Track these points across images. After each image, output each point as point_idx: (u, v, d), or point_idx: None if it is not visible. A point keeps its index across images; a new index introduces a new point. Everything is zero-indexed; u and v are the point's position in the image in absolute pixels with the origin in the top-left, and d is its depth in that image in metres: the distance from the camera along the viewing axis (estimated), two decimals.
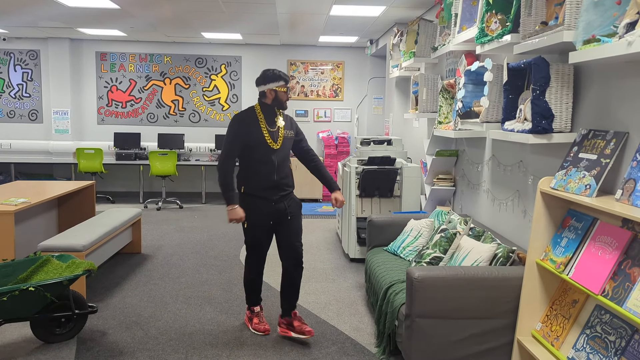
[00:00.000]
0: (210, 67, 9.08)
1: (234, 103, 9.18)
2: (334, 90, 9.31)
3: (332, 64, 9.26)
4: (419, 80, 4.88)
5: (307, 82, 9.26)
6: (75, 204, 5.44)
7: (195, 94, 9.14)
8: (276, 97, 3.40)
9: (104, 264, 4.97)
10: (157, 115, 9.13)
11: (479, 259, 3.04)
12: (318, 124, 9.33)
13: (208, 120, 9.20)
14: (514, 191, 3.47)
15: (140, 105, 9.10)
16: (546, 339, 2.51)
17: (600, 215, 2.36)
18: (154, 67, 9.03)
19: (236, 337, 3.47)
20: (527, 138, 2.72)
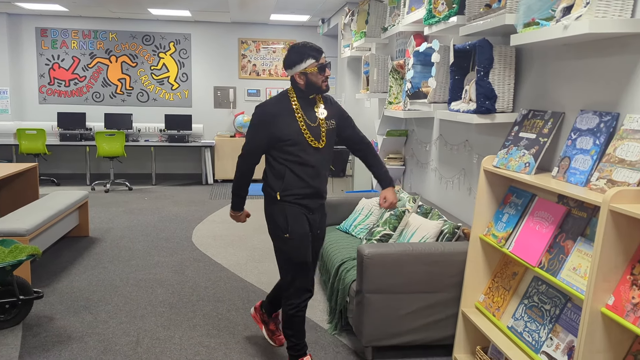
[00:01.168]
0: (158, 44, 8.83)
1: (184, 82, 8.98)
2: None
3: (284, 42, 9.18)
4: (370, 60, 4.92)
5: (258, 61, 9.16)
6: (17, 187, 5.23)
7: (143, 73, 8.88)
8: (308, 80, 2.58)
9: (49, 248, 4.83)
10: (103, 95, 8.83)
11: (427, 235, 3.14)
12: None
13: (157, 100, 8.97)
14: (459, 169, 3.59)
15: (85, 84, 8.77)
16: (488, 310, 2.64)
17: (538, 192, 2.48)
18: (98, 44, 8.70)
19: (188, 319, 3.46)
20: (472, 118, 2.81)
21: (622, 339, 1.84)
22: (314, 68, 2.55)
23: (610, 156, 2.01)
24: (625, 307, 1.74)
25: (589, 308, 1.81)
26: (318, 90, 2.62)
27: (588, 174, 2.10)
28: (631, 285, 1.75)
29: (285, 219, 2.61)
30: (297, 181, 2.61)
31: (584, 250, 2.05)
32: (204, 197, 7.54)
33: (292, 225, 2.61)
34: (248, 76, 9.17)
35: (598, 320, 1.82)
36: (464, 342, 2.85)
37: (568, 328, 2.14)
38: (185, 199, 7.34)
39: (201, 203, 7.10)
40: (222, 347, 3.09)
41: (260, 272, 4.37)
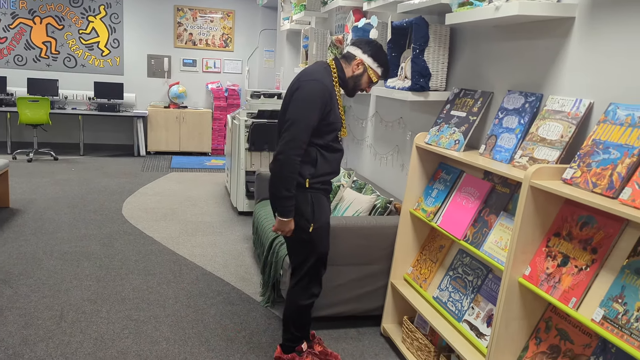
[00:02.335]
0: (87, 7, 8.34)
1: (115, 48, 8.57)
2: (223, 40, 9.02)
3: (222, 12, 8.93)
4: (309, 34, 4.88)
5: (195, 30, 8.87)
6: None
7: (70, 36, 8.38)
8: (360, 75, 2.45)
9: None
10: (26, 58, 8.28)
11: (360, 210, 3.20)
12: (207, 74, 9.03)
13: (86, 66, 8.52)
14: (394, 146, 3.66)
15: (6, 46, 8.18)
16: (416, 281, 2.73)
17: (466, 168, 2.58)
18: (21, 3, 8.11)
19: (117, 292, 3.37)
20: (407, 95, 2.86)
21: (536, 306, 1.97)
22: (375, 75, 2.47)
23: (532, 135, 2.11)
24: (539, 277, 1.85)
25: (507, 278, 1.92)
26: (353, 88, 2.49)
27: (512, 151, 2.20)
28: (546, 256, 1.86)
29: (312, 208, 2.40)
30: (327, 167, 2.43)
31: (506, 224, 2.16)
32: (136, 169, 7.30)
33: (319, 214, 2.43)
34: (184, 45, 8.87)
35: (515, 289, 1.93)
36: (392, 312, 2.95)
37: (488, 297, 2.26)
38: (116, 171, 7.08)
39: (132, 175, 6.87)
40: (151, 321, 3.04)
41: (192, 246, 4.31)
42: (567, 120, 1.98)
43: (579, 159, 1.79)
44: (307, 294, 2.52)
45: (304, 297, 2.52)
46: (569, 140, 1.95)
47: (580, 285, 1.70)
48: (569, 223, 1.84)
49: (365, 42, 2.46)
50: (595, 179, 1.69)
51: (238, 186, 5.25)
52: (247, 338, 2.90)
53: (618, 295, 1.58)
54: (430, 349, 2.52)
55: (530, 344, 1.96)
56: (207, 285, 3.57)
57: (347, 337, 2.98)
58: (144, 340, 2.82)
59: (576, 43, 2.03)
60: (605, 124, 1.79)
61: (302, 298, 2.52)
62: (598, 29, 1.93)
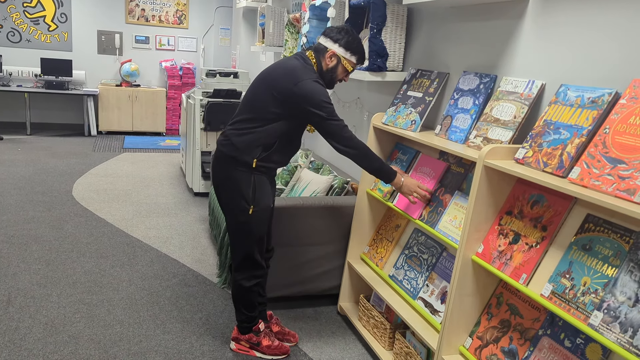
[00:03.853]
0: None
1: (63, 23, 8.18)
2: (177, 16, 8.76)
3: None
4: (266, 12, 4.79)
5: (147, 5, 8.56)
6: None
7: (14, 9, 7.95)
8: (334, 68, 2.38)
9: None
10: None
11: (317, 190, 3.20)
12: (161, 52, 8.77)
13: (31, 41, 8.11)
14: (351, 126, 3.66)
15: None
16: (372, 260, 2.77)
17: (422, 149, 2.60)
18: None
19: (68, 276, 3.27)
20: (364, 75, 2.85)
21: (488, 283, 2.02)
22: (350, 64, 2.38)
23: (487, 115, 2.14)
24: (492, 255, 1.90)
25: (461, 256, 1.96)
26: (330, 81, 2.41)
27: (467, 132, 2.23)
28: (498, 234, 1.91)
29: (254, 190, 2.36)
30: (279, 157, 2.40)
31: (460, 204, 2.20)
32: (87, 149, 7.05)
33: (260, 197, 2.37)
34: (136, 21, 8.56)
35: (469, 266, 1.98)
36: (349, 291, 2.98)
37: (442, 275, 2.30)
38: (65, 151, 6.82)
39: (83, 155, 6.63)
40: (104, 304, 2.96)
41: (147, 228, 4.22)
42: (519, 101, 2.02)
43: (531, 139, 1.84)
44: (249, 275, 2.49)
45: (247, 279, 2.49)
46: (521, 121, 1.99)
47: (530, 262, 1.76)
48: (520, 202, 1.89)
49: (336, 30, 2.36)
50: (546, 158, 1.74)
51: (194, 167, 5.16)
52: (204, 319, 2.88)
53: (566, 271, 1.64)
54: (386, 326, 2.57)
55: (482, 319, 2.02)
56: (163, 267, 3.51)
57: (304, 316, 2.99)
58: (97, 324, 2.75)
59: (529, 25, 2.06)
60: (556, 105, 1.83)
61: (245, 280, 2.49)
62: (550, 11, 1.96)
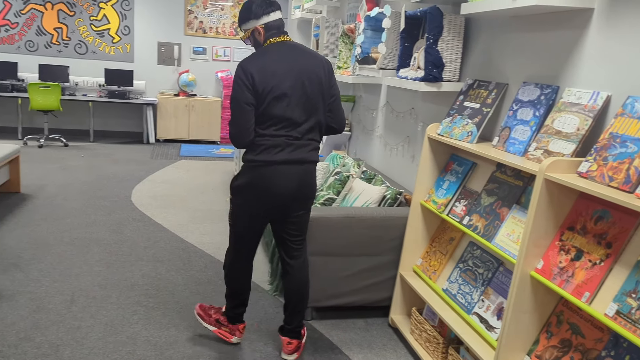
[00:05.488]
0: None
1: (126, 35, 8.56)
2: (234, 28, 8.99)
3: (233, 0, 8.89)
4: (321, 23, 4.84)
5: (205, 17, 8.84)
6: None
7: (81, 23, 8.38)
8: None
9: None
10: (37, 44, 8.29)
11: (369, 200, 3.19)
12: (217, 63, 9.01)
13: (97, 53, 8.52)
14: (404, 137, 3.63)
15: (17, 31, 8.19)
16: (425, 273, 2.73)
17: (479, 160, 2.56)
18: None
19: (126, 278, 3.39)
20: (419, 86, 2.83)
21: (547, 300, 1.96)
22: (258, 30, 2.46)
23: (548, 127, 2.08)
24: (552, 271, 1.83)
25: (519, 271, 1.90)
26: None
27: (526, 144, 2.18)
28: (559, 250, 1.85)
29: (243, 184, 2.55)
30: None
31: (518, 217, 2.14)
32: (145, 156, 7.32)
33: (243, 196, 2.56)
34: (194, 33, 8.84)
35: (527, 283, 1.92)
36: (401, 303, 2.95)
37: (499, 290, 2.24)
38: (125, 158, 7.10)
39: (142, 162, 6.88)
40: (160, 307, 3.05)
41: (201, 234, 4.32)
42: (583, 113, 1.95)
43: (595, 152, 1.77)
44: (226, 259, 2.66)
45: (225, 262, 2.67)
46: (585, 134, 1.92)
47: (593, 280, 1.69)
48: (583, 217, 1.82)
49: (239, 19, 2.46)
50: (612, 172, 1.67)
51: None
52: (256, 326, 2.91)
53: (632, 290, 1.56)
54: (439, 340, 2.52)
55: (541, 337, 1.95)
56: (216, 273, 3.58)
57: (355, 327, 2.98)
58: (153, 326, 2.84)
59: (594, 35, 1.99)
60: (622, 117, 1.76)
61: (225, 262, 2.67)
62: (617, 20, 1.89)
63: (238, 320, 2.71)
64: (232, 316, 2.70)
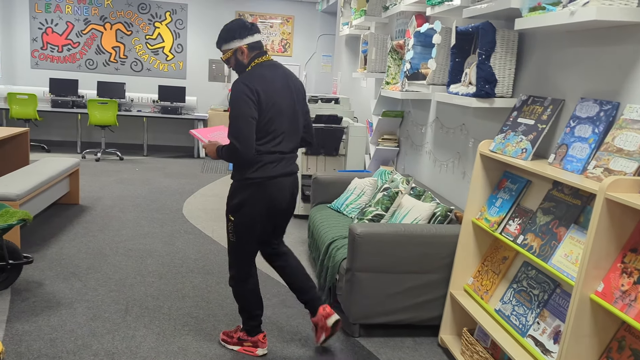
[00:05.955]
0: (154, 13, 8.68)
1: (179, 53, 8.86)
2: (282, 45, 9.15)
3: (282, 17, 9.06)
4: (369, 39, 4.87)
5: None
6: (8, 151, 5.16)
7: (137, 42, 8.74)
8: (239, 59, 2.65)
9: (39, 214, 4.79)
10: (97, 62, 8.69)
11: (419, 217, 3.16)
12: None
13: (151, 70, 8.85)
14: (454, 153, 3.59)
15: (78, 50, 8.62)
16: (476, 293, 2.67)
17: (534, 178, 2.49)
18: (93, 10, 8.53)
19: (178, 290, 3.47)
20: (471, 102, 2.80)
21: (608, 324, 1.88)
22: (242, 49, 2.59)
23: (608, 145, 2.01)
24: (614, 294, 1.76)
25: (578, 294, 1.84)
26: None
27: (585, 162, 2.11)
28: (621, 273, 1.77)
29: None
30: None
31: (577, 238, 2.07)
32: (195, 170, 7.51)
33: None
34: None
35: (586, 306, 1.85)
36: (451, 323, 2.89)
37: (555, 313, 2.17)
38: (177, 172, 7.30)
39: (192, 176, 7.06)
40: (210, 319, 3.10)
41: None
42: None
43: None
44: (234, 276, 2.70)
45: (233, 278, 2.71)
46: None
47: None
48: None
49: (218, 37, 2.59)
50: None
51: None
52: (303, 341, 2.92)
53: None
54: None
55: None
56: (264, 286, 3.62)
57: (403, 346, 2.94)
58: (203, 337, 2.89)
59: None
60: None
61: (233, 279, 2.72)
62: None
63: (257, 331, 2.76)
64: (249, 329, 2.75)
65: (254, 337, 2.76)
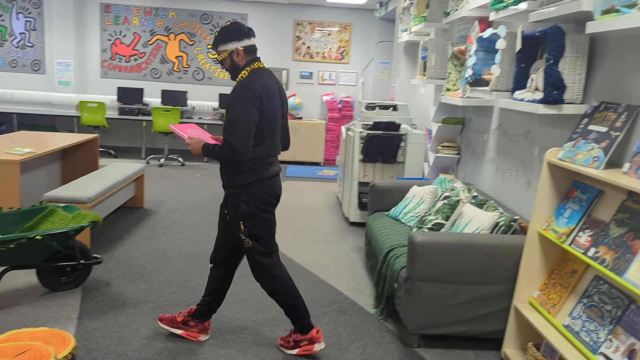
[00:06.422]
0: (215, 24, 8.94)
1: None
2: (340, 52, 9.20)
3: (340, 25, 9.11)
4: (429, 45, 4.82)
5: (313, 43, 9.13)
6: (79, 156, 5.44)
7: (199, 51, 9.02)
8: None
9: (107, 217, 5.01)
10: (161, 71, 9.04)
11: (481, 227, 3.07)
12: (322, 86, 9.25)
13: (212, 79, 9.11)
14: (519, 161, 3.48)
15: (144, 60, 8.99)
16: (543, 307, 2.56)
17: (606, 188, 2.38)
18: (158, 21, 8.88)
19: (236, 294, 3.53)
20: (537, 108, 2.71)
21: None
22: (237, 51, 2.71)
23: None
24: None
25: None
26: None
27: None
28: None
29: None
30: None
31: None
32: None
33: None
34: (302, 58, 9.17)
35: None
36: (515, 337, 2.79)
37: (630, 330, 2.05)
38: None
39: None
40: (268, 323, 3.14)
41: (306, 253, 4.41)
42: None
43: None
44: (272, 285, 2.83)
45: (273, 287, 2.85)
46: None
47: None
48: None
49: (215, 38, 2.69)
50: None
51: (351, 197, 5.29)
52: (361, 349, 2.90)
53: None
54: None
55: None
56: (321, 292, 3.63)
57: (464, 358, 2.86)
58: (262, 341, 2.93)
59: None
60: None
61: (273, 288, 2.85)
62: None
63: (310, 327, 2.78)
64: (302, 327, 2.78)
65: (309, 335, 2.78)
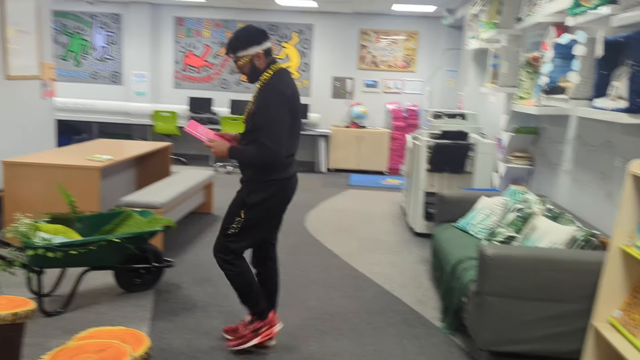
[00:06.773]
0: (282, 34, 9.11)
1: (305, 72, 9.19)
2: (405, 61, 9.12)
3: (406, 34, 9.04)
4: (500, 53, 4.69)
5: (378, 52, 9.11)
6: (153, 163, 5.68)
7: None
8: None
9: (178, 222, 5.19)
10: (229, 82, 9.30)
11: (556, 241, 2.94)
12: (387, 95, 9.20)
13: None
14: (597, 172, 3.31)
15: (214, 71, 9.29)
16: (625, 327, 2.41)
17: None
18: (227, 33, 9.16)
19: (301, 301, 3.56)
20: (621, 117, 2.57)
21: None
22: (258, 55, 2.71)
23: None
24: None
25: None
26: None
27: None
28: None
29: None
30: None
31: None
32: (316, 185, 7.69)
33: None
34: (366, 67, 9.17)
35: None
36: (594, 358, 2.64)
37: None
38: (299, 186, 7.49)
39: (314, 190, 7.24)
40: (334, 332, 3.14)
41: (371, 263, 4.38)
42: None
43: None
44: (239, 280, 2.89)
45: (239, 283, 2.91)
46: None
47: None
48: None
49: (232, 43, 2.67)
50: None
51: (416, 207, 5.21)
52: None
53: None
54: None
55: None
56: (386, 303, 3.59)
57: None
58: (327, 351, 2.93)
59: None
60: None
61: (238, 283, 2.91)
62: None
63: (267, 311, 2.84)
64: (260, 312, 2.82)
65: (267, 319, 2.82)
